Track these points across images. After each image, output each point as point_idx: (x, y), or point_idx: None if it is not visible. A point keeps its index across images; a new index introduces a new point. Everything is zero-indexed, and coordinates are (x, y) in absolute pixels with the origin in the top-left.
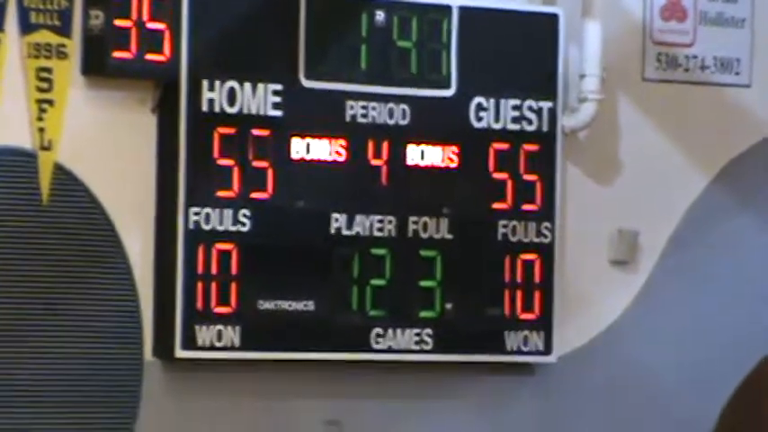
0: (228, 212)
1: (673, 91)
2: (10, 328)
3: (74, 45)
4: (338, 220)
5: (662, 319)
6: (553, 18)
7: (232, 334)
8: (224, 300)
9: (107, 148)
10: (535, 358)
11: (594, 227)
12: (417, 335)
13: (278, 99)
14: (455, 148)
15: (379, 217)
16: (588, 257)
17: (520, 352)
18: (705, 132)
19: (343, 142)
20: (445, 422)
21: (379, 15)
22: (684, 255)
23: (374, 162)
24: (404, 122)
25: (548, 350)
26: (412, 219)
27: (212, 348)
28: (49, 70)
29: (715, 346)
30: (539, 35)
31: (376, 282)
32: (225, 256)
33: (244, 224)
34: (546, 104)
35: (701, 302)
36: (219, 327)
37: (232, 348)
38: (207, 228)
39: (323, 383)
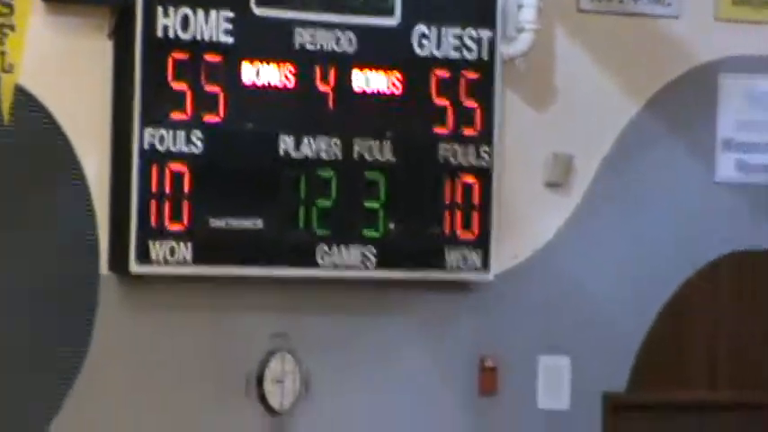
0: (181, 134)
1: (606, 22)
2: None
3: None
4: (286, 143)
5: (595, 239)
6: None
7: (184, 250)
8: (176, 217)
9: (66, 71)
10: (473, 275)
11: (531, 151)
12: (362, 253)
13: (229, 26)
14: (399, 75)
15: (325, 140)
16: (525, 180)
17: (459, 270)
18: (636, 62)
19: (291, 68)
20: (387, 336)
21: None
22: (616, 179)
23: (321, 87)
24: (350, 50)
25: (485, 268)
26: (357, 142)
27: (165, 263)
28: None
29: (645, 266)
30: None
31: (322, 202)
32: (177, 175)
33: (196, 145)
34: (485, 34)
35: (631, 223)
36: (172, 243)
37: (184, 264)
38: (161, 148)
39: (271, 298)
